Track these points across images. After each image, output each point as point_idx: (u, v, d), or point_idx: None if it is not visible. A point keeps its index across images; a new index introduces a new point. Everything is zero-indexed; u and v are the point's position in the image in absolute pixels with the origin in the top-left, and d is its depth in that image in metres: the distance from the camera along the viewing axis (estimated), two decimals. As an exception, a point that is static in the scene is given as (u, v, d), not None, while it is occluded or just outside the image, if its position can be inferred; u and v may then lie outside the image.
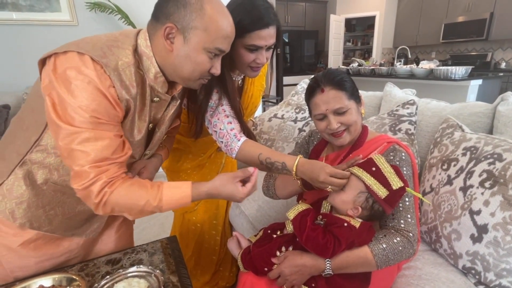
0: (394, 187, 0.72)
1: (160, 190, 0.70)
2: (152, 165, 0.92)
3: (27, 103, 0.75)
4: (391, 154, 0.83)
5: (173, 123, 0.94)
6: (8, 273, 0.81)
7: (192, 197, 0.72)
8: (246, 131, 0.99)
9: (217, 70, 0.75)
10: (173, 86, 0.80)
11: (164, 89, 0.77)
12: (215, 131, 0.96)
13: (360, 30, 7.53)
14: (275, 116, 1.60)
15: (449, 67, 3.02)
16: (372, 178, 0.73)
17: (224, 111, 0.96)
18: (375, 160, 0.76)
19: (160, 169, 1.06)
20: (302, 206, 0.81)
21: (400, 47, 4.40)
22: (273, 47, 0.93)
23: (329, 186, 0.76)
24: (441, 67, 3.15)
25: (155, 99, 0.77)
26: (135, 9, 2.73)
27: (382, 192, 0.72)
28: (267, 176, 1.04)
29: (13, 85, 2.47)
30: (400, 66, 3.79)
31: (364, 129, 0.92)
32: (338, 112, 0.83)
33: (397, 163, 0.82)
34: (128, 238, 1.08)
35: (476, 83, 3.05)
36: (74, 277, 0.79)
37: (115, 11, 2.57)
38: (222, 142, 0.95)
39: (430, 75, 3.32)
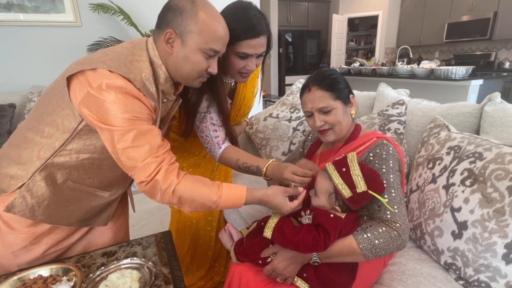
0: (358, 190, 0.75)
1: (220, 188, 0.78)
2: None
3: (45, 113, 0.79)
4: (378, 147, 0.85)
5: (172, 120, 1.00)
6: (14, 265, 0.87)
7: (246, 200, 0.80)
8: (230, 136, 1.07)
9: (213, 69, 0.82)
10: (176, 86, 0.88)
11: (171, 91, 0.85)
12: (201, 136, 1.05)
13: (363, 29, 7.51)
14: (270, 115, 1.63)
15: (449, 67, 3.02)
16: (339, 178, 0.78)
17: (211, 119, 1.03)
18: (348, 160, 0.79)
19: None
20: (273, 220, 0.82)
21: (402, 47, 4.39)
22: (263, 54, 0.98)
23: (292, 183, 0.85)
24: (441, 67, 3.14)
25: (164, 100, 0.84)
26: (136, 10, 2.78)
27: (346, 193, 0.77)
28: None
29: (18, 85, 2.55)
30: (401, 66, 3.79)
31: (357, 127, 0.95)
32: (323, 111, 0.88)
33: (384, 156, 0.83)
34: (125, 232, 1.12)
35: (477, 83, 3.04)
36: (71, 267, 0.83)
37: (118, 12, 2.63)
38: (207, 147, 1.05)
39: (431, 75, 3.32)
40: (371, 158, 0.85)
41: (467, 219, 0.80)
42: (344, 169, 0.78)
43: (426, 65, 3.47)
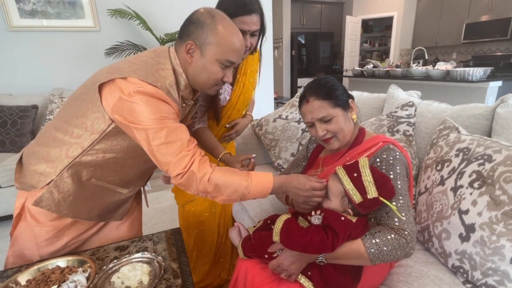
0: (369, 196, 0.75)
1: (250, 175, 0.83)
2: None
3: (74, 116, 0.86)
4: (385, 153, 0.85)
5: (188, 122, 1.08)
6: (36, 256, 0.94)
7: (273, 184, 0.83)
8: (216, 116, 1.19)
9: (229, 79, 0.88)
10: (194, 92, 0.94)
11: (190, 96, 0.92)
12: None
13: (377, 31, 7.41)
14: (279, 117, 1.65)
15: (466, 69, 2.94)
16: (351, 184, 0.77)
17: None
18: (359, 165, 0.78)
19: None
20: (279, 224, 0.82)
21: (417, 48, 4.31)
22: (257, 34, 1.06)
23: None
24: (457, 69, 3.07)
25: (183, 105, 0.91)
26: (152, 15, 2.87)
27: (356, 198, 0.76)
28: None
29: (41, 87, 2.68)
30: (415, 68, 3.72)
31: (361, 131, 0.94)
32: (324, 120, 0.87)
33: (391, 161, 0.83)
34: (138, 227, 1.17)
35: (495, 85, 2.96)
36: (86, 259, 0.88)
37: (134, 17, 2.72)
38: None
39: (447, 76, 3.24)
40: (378, 164, 0.85)
41: (474, 221, 0.79)
42: (355, 174, 0.77)
43: (441, 66, 3.39)
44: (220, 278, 1.44)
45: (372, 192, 0.75)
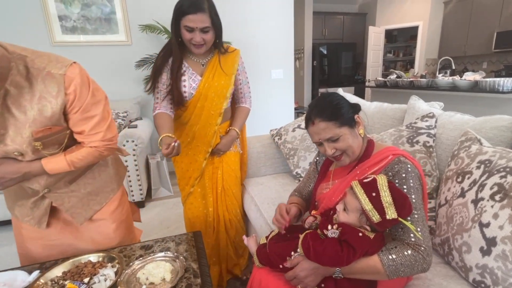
0: (387, 217, 0.74)
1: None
2: None
3: None
4: (396, 166, 0.84)
5: None
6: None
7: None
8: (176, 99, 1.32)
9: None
10: None
11: None
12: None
13: (402, 41, 7.29)
14: (298, 126, 1.68)
15: (496, 79, 2.83)
16: (369, 204, 0.76)
17: (163, 81, 1.32)
18: (377, 183, 0.77)
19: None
20: (302, 237, 0.83)
21: (443, 58, 4.19)
22: (209, 30, 1.20)
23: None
24: (486, 79, 2.96)
25: None
26: (179, 29, 3.04)
27: (375, 218, 0.75)
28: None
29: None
30: (441, 78, 3.62)
31: (370, 143, 0.94)
32: (331, 140, 0.88)
33: (403, 175, 0.82)
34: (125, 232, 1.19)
35: (528, 96, 2.81)
36: (114, 256, 0.95)
37: (163, 32, 2.90)
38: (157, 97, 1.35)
39: (475, 87, 3.13)
40: (391, 178, 0.84)
41: (496, 235, 0.77)
42: (374, 194, 0.76)
43: (469, 76, 3.28)
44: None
45: (391, 213, 0.74)
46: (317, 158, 1.13)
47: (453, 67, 4.22)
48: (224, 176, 1.48)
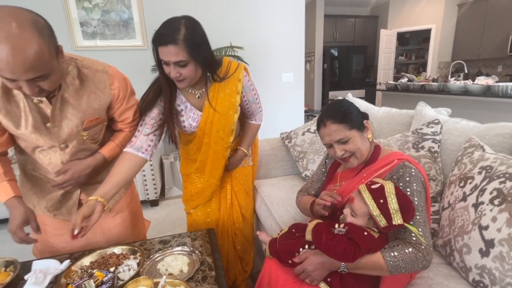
0: (394, 223, 0.80)
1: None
2: None
3: None
4: (401, 170, 0.90)
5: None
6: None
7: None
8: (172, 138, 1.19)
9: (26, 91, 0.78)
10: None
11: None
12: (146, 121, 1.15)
13: (414, 43, 7.22)
14: (308, 130, 1.74)
15: (509, 84, 2.81)
16: (377, 210, 0.81)
17: (150, 120, 1.14)
18: (385, 191, 0.82)
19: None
20: (312, 224, 0.91)
21: (455, 62, 4.16)
22: (185, 65, 0.98)
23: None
24: (499, 83, 2.93)
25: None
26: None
27: (382, 223, 0.81)
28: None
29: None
30: (453, 82, 3.60)
31: (376, 148, 1.00)
32: (341, 142, 0.94)
33: (407, 179, 0.88)
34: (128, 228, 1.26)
35: (542, 101, 2.78)
36: (136, 249, 1.04)
37: (177, 37, 3.00)
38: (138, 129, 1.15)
39: (487, 92, 3.11)
40: (395, 181, 0.90)
41: (494, 237, 0.82)
42: (381, 201, 0.81)
43: (482, 81, 3.26)
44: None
45: (397, 219, 0.80)
46: (327, 160, 1.19)
47: (466, 71, 4.17)
48: (233, 192, 1.41)
